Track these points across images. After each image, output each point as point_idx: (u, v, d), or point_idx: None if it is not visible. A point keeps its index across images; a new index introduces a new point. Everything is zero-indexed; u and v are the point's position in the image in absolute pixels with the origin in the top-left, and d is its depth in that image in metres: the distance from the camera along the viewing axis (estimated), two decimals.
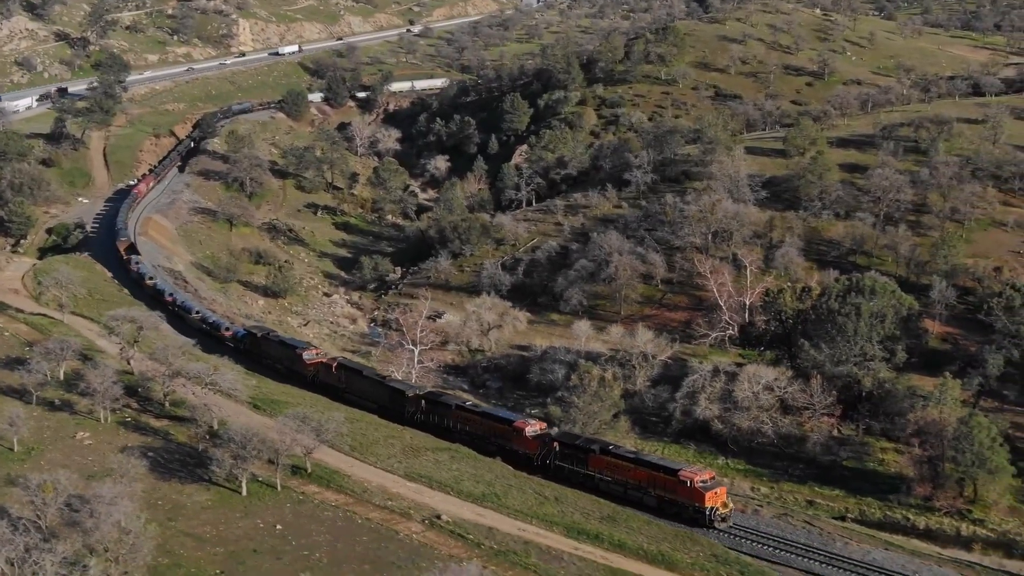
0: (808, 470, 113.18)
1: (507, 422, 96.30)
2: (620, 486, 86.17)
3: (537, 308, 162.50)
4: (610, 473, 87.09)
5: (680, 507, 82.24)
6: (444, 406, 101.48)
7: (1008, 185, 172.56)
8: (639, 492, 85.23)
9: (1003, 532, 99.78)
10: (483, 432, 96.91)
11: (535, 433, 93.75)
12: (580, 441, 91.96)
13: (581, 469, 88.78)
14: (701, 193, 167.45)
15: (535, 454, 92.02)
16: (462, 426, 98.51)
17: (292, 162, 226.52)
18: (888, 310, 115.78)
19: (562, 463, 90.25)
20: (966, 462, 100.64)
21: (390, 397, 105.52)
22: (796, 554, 79.31)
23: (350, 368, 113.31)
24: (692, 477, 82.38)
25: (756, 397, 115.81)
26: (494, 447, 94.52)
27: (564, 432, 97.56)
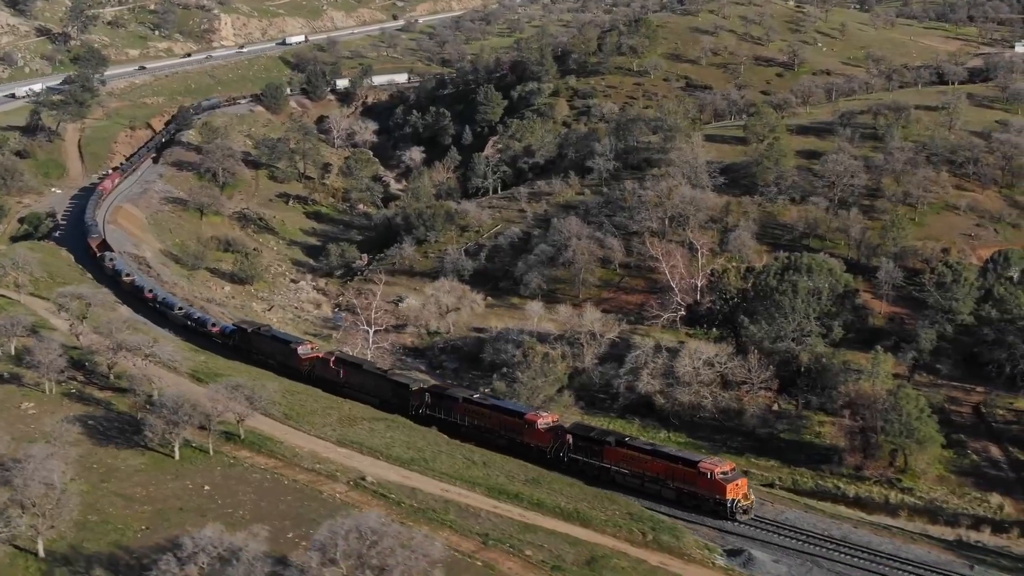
0: (746, 442, 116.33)
1: (518, 415, 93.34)
2: (637, 479, 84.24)
3: (498, 292, 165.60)
4: (626, 466, 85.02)
5: (700, 500, 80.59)
6: (450, 399, 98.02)
7: (963, 170, 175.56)
8: (657, 485, 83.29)
9: (930, 500, 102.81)
10: (492, 426, 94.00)
11: (547, 426, 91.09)
12: (595, 433, 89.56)
13: (596, 462, 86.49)
14: (659, 179, 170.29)
15: (548, 447, 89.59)
16: (470, 420, 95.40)
17: (265, 153, 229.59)
18: (824, 287, 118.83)
19: (576, 456, 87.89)
20: (894, 432, 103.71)
21: (393, 391, 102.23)
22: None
23: (349, 362, 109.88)
24: (712, 469, 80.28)
25: (697, 373, 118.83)
26: (504, 441, 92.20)
27: (578, 424, 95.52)
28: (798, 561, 76.36)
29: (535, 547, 70.14)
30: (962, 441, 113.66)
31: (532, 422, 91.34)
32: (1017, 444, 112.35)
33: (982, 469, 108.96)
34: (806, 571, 75.19)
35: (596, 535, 74.94)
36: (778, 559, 76.53)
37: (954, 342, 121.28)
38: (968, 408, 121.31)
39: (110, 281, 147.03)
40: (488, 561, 67.40)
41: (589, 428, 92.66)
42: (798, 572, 74.89)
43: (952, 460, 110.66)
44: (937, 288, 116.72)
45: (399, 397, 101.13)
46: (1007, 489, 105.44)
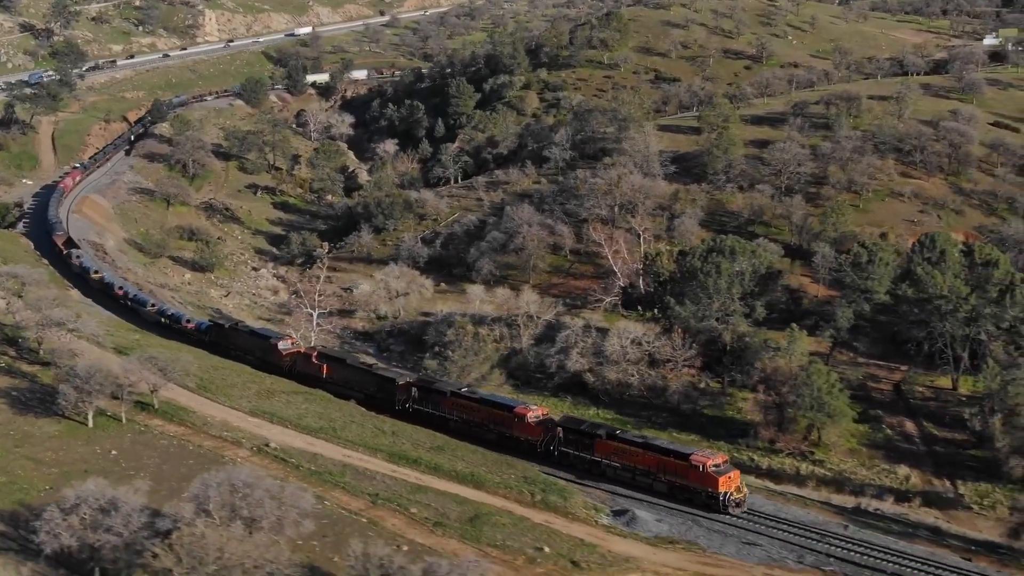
0: (670, 418, 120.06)
1: (507, 408, 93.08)
2: (628, 472, 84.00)
3: (452, 278, 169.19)
4: (617, 459, 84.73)
5: (692, 493, 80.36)
6: (438, 393, 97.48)
7: (910, 158, 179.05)
8: (648, 478, 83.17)
9: (839, 471, 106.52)
10: (481, 419, 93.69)
11: (537, 419, 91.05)
12: (585, 426, 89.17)
13: (587, 455, 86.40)
14: (609, 168, 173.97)
15: (538, 441, 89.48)
16: (458, 414, 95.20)
17: (235, 144, 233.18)
18: (747, 269, 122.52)
19: (566, 449, 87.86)
20: (805, 406, 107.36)
21: (378, 386, 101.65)
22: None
23: (332, 357, 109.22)
24: (704, 462, 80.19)
25: (625, 352, 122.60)
26: (494, 435, 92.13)
27: (568, 417, 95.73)
28: (679, 520, 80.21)
29: (422, 505, 73.95)
30: (879, 416, 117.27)
31: (522, 415, 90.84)
32: (932, 419, 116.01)
33: (894, 443, 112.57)
34: (686, 529, 79.03)
35: (487, 496, 78.78)
36: (661, 519, 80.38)
37: (875, 322, 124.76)
38: (889, 385, 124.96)
39: (78, 279, 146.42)
40: (373, 518, 71.22)
41: (579, 421, 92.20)
42: (677, 530, 78.75)
43: (866, 434, 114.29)
44: (853, 268, 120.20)
45: (384, 392, 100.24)
46: (916, 462, 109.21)
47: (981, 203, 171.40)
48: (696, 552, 75.58)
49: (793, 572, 73.12)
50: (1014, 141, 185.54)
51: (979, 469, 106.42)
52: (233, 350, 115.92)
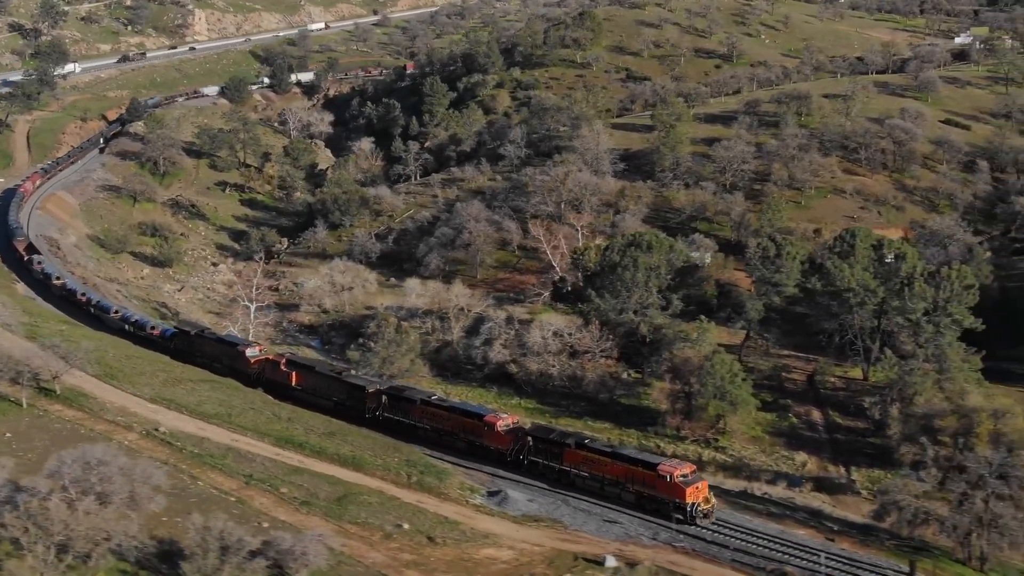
0: (588, 407, 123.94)
1: (477, 416, 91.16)
2: (597, 482, 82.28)
3: (402, 273, 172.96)
4: (586, 468, 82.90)
5: (660, 503, 78.61)
6: (407, 401, 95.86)
7: (855, 155, 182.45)
8: (616, 488, 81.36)
9: (739, 458, 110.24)
10: (451, 428, 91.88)
11: (507, 427, 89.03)
12: (554, 435, 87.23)
13: (556, 464, 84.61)
14: (557, 165, 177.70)
15: (508, 450, 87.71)
16: (428, 422, 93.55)
17: (206, 142, 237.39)
18: (662, 263, 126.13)
19: (536, 458, 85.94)
20: (708, 395, 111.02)
21: (348, 393, 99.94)
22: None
23: (301, 364, 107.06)
24: (672, 471, 78.27)
25: (546, 343, 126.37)
26: (464, 444, 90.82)
27: (538, 426, 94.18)
28: (549, 500, 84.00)
29: (294, 486, 77.88)
30: (788, 406, 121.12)
31: (492, 424, 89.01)
32: (838, 409, 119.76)
33: (798, 431, 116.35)
34: (555, 507, 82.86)
35: (365, 477, 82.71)
36: (532, 499, 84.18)
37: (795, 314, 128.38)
38: (804, 376, 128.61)
39: (40, 286, 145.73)
40: (243, 497, 75.17)
41: (549, 430, 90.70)
42: (546, 508, 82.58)
43: (773, 422, 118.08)
44: (762, 262, 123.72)
45: (354, 400, 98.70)
46: (816, 449, 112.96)
47: (923, 199, 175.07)
48: (557, 529, 79.31)
49: (645, 547, 76.64)
50: (960, 138, 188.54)
51: (875, 456, 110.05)
52: (199, 357, 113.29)
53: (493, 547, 74.46)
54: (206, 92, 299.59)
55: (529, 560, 73.31)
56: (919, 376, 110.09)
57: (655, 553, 75.86)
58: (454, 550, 72.56)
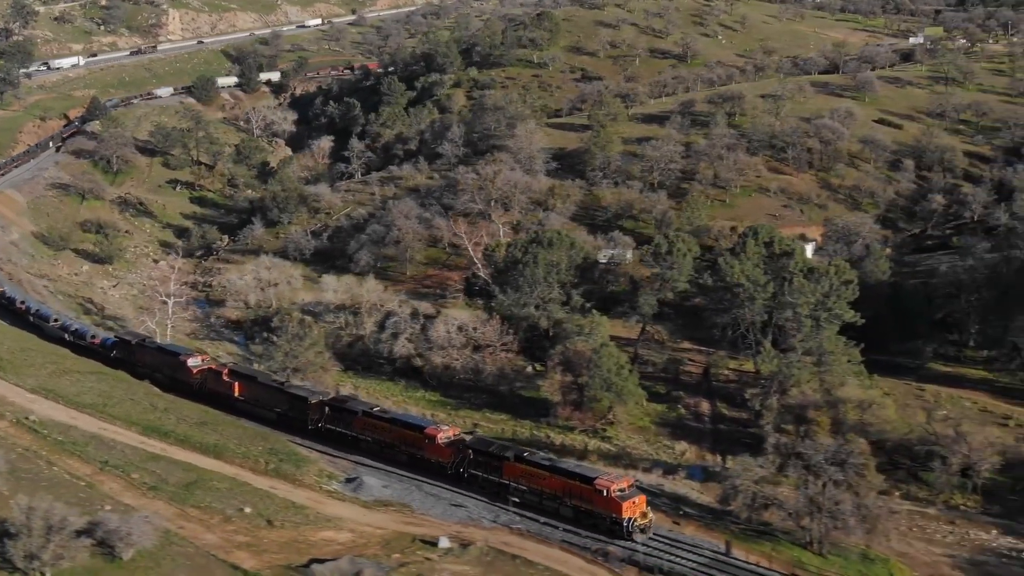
0: (489, 399, 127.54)
1: (417, 428, 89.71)
2: (536, 496, 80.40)
3: (335, 270, 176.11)
4: (525, 482, 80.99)
5: (597, 518, 76.86)
6: (349, 412, 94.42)
7: (782, 154, 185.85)
8: (555, 502, 79.49)
9: (622, 447, 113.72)
10: (393, 440, 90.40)
11: (448, 440, 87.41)
12: (494, 448, 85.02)
13: (495, 478, 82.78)
14: (488, 164, 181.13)
15: (449, 463, 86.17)
16: (370, 434, 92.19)
17: (160, 140, 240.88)
18: (563, 259, 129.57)
19: (476, 472, 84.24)
20: (596, 387, 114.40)
21: (290, 404, 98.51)
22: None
23: (243, 375, 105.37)
24: (608, 486, 76.69)
25: (450, 337, 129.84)
26: (405, 456, 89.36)
27: (478, 438, 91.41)
28: (403, 486, 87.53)
29: (147, 472, 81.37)
30: (679, 397, 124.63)
31: (432, 436, 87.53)
32: (726, 400, 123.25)
33: (685, 421, 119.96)
34: (407, 493, 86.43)
35: (223, 464, 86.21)
36: (388, 485, 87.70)
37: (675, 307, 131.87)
38: (700, 368, 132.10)
39: None
40: (93, 482, 78.67)
41: (489, 442, 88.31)
42: (399, 494, 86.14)
43: (662, 413, 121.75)
44: (655, 258, 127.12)
45: (296, 410, 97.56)
46: (698, 439, 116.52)
47: (846, 198, 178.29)
48: (405, 513, 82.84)
49: (484, 529, 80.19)
50: (891, 138, 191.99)
51: (751, 445, 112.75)
52: (140, 367, 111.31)
53: (332, 530, 77.82)
54: (159, 93, 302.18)
55: (366, 542, 76.67)
56: (797, 368, 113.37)
57: (491, 534, 79.33)
58: (290, 532, 75.92)
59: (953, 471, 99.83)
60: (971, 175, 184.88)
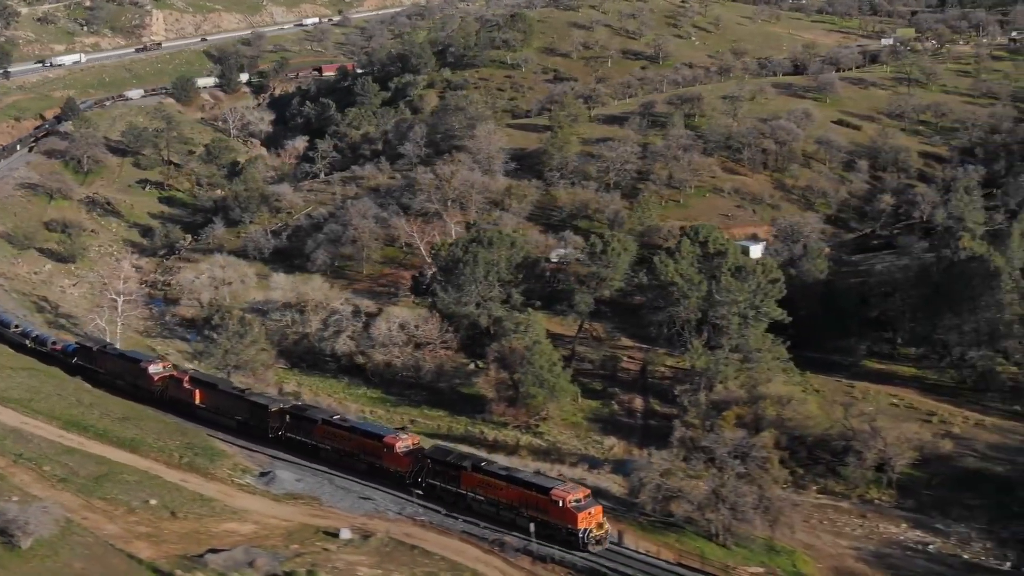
0: (429, 396, 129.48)
1: (376, 437, 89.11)
2: (493, 506, 79.85)
3: (293, 269, 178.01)
4: (483, 492, 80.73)
5: (553, 529, 76.39)
6: (309, 421, 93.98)
7: (739, 155, 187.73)
8: (512, 513, 78.95)
9: (553, 443, 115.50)
10: (352, 448, 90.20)
11: (407, 449, 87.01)
12: (452, 458, 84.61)
13: (453, 487, 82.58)
14: (447, 164, 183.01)
15: (407, 472, 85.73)
16: (330, 442, 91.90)
17: (131, 140, 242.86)
18: (502, 258, 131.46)
19: (434, 481, 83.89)
20: (529, 383, 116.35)
21: (251, 412, 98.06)
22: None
23: (204, 382, 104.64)
24: (564, 496, 76.28)
25: (392, 335, 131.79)
26: (365, 465, 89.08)
27: (437, 447, 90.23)
28: (316, 480, 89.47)
29: (60, 465, 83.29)
30: (614, 394, 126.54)
31: (391, 445, 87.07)
32: (660, 396, 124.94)
33: (617, 417, 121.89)
34: (318, 486, 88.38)
35: (137, 458, 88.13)
36: (301, 478, 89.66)
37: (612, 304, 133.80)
38: (638, 365, 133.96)
39: None
40: (5, 474, 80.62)
41: (447, 452, 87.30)
42: (310, 487, 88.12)
43: (596, 409, 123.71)
44: (590, 257, 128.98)
45: (257, 418, 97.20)
46: (627, 434, 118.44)
47: (800, 198, 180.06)
48: (313, 506, 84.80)
49: (389, 521, 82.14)
50: (849, 138, 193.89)
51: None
52: (102, 373, 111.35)
53: (237, 522, 79.72)
54: (130, 95, 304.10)
55: (268, 533, 78.58)
56: (724, 365, 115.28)
57: (394, 526, 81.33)
58: (193, 524, 77.83)
59: (868, 466, 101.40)
60: (925, 175, 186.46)
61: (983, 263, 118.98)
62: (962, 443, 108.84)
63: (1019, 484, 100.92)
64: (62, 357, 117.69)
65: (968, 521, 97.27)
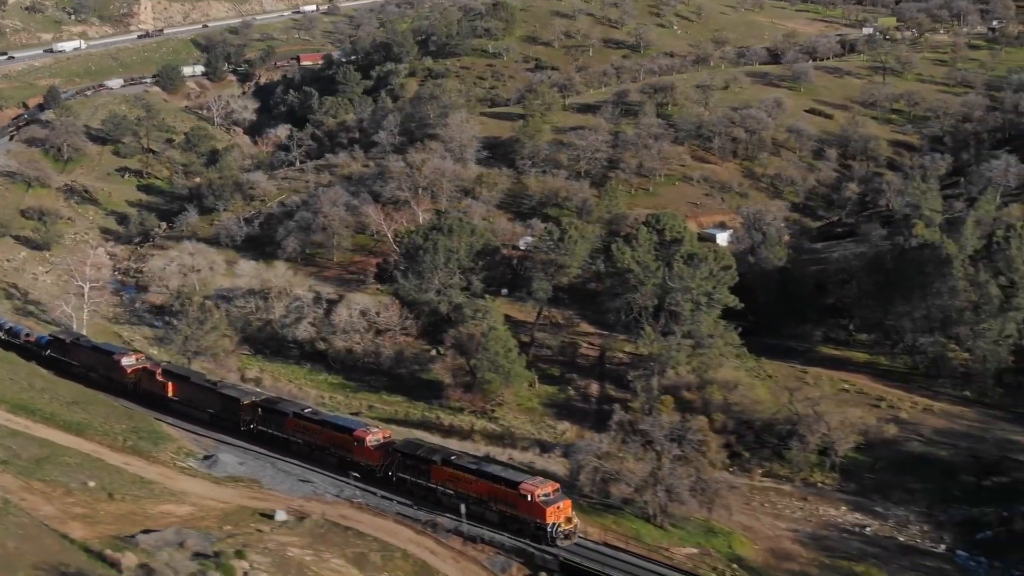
0: (388, 382, 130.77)
1: (347, 430, 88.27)
2: (462, 500, 78.31)
3: (264, 256, 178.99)
4: (452, 486, 79.98)
5: (521, 523, 75.84)
6: (280, 414, 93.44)
7: (709, 144, 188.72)
8: (481, 507, 78.12)
9: (506, 427, 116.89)
10: (323, 442, 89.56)
11: (377, 443, 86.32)
12: (422, 451, 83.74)
13: (423, 482, 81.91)
14: (419, 152, 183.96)
15: (378, 466, 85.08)
16: (301, 436, 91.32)
17: (111, 129, 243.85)
18: (463, 246, 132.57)
19: (404, 475, 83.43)
20: (484, 369, 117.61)
21: (223, 405, 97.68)
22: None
23: (176, 375, 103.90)
24: (533, 491, 75.78)
25: (352, 321, 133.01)
26: (335, 459, 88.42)
27: (407, 441, 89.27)
28: (258, 463, 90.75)
29: (2, 447, 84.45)
30: (571, 379, 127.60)
31: (361, 439, 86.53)
32: (616, 382, 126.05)
33: (572, 402, 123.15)
34: (260, 470, 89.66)
35: (82, 441, 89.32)
36: (243, 462, 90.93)
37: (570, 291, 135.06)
38: (598, 351, 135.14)
39: None
40: None
41: (417, 445, 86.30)
42: (252, 470, 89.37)
43: (552, 395, 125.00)
44: (548, 245, 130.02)
45: (229, 411, 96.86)
46: (581, 419, 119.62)
47: (769, 186, 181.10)
48: (253, 488, 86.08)
49: (326, 503, 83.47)
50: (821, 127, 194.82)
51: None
52: (76, 366, 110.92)
53: (174, 503, 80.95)
54: (110, 85, 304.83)
55: (204, 515, 79.78)
56: (676, 351, 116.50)
57: (331, 508, 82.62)
58: (130, 506, 79.01)
59: (811, 450, 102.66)
60: (894, 164, 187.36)
61: (935, 250, 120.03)
62: (908, 428, 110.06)
63: (961, 468, 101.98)
64: (35, 349, 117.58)
65: (908, 504, 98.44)
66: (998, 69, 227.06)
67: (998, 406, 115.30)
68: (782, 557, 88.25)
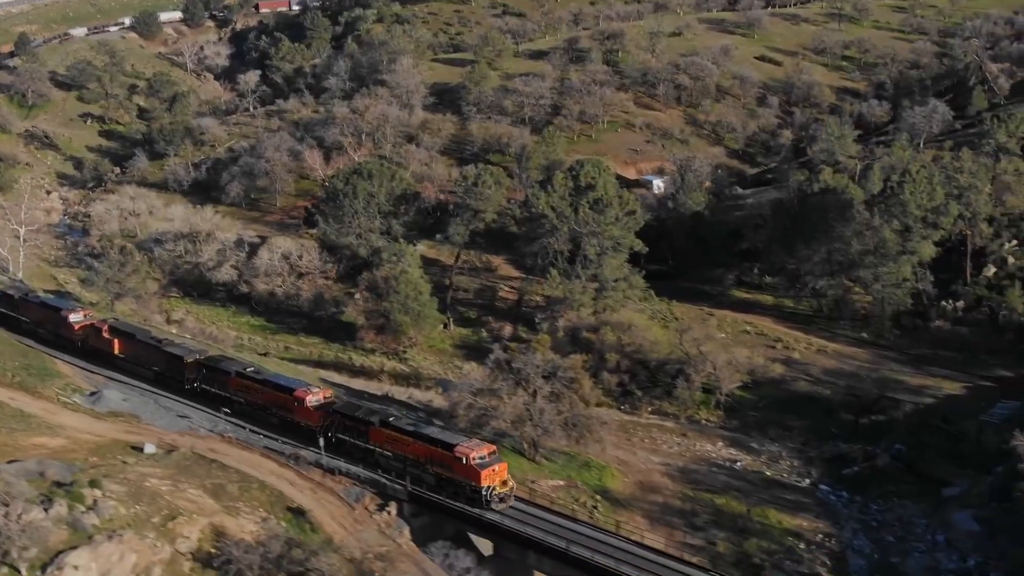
0: (308, 324, 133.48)
1: (288, 390, 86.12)
2: (400, 462, 77.57)
3: (209, 201, 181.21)
4: (390, 447, 78.74)
5: (457, 486, 74.63)
6: (223, 373, 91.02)
7: (655, 91, 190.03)
8: (418, 469, 76.81)
9: (415, 368, 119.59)
10: (264, 402, 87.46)
11: (317, 403, 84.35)
12: (360, 412, 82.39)
13: (362, 443, 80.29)
14: (362, 98, 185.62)
15: (317, 427, 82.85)
16: (243, 395, 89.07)
17: (76, 75, 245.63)
18: (383, 190, 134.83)
19: (344, 436, 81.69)
20: (395, 311, 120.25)
21: (167, 363, 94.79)
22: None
23: (122, 331, 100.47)
24: (468, 453, 74.25)
25: (274, 265, 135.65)
26: (277, 419, 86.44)
27: (346, 402, 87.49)
28: (142, 399, 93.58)
29: None
30: (486, 322, 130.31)
31: (301, 399, 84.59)
32: (529, 325, 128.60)
33: (484, 344, 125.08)
34: (142, 405, 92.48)
35: None
36: (127, 397, 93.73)
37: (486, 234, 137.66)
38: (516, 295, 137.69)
39: None
40: None
41: (356, 407, 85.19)
42: (134, 406, 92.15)
43: (465, 337, 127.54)
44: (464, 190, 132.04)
45: (174, 369, 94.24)
46: None
47: (710, 133, 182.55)
48: (131, 423, 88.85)
49: (198, 438, 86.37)
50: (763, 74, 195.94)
51: None
52: (25, 322, 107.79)
53: (48, 436, 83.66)
54: (74, 33, 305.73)
55: (76, 448, 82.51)
56: (580, 293, 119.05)
57: (202, 442, 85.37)
58: (3, 438, 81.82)
59: (695, 388, 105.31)
60: (837, 110, 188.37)
61: (837, 195, 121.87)
62: (798, 368, 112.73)
63: (842, 407, 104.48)
64: None
65: (784, 441, 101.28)
66: (955, 16, 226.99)
67: (892, 347, 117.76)
68: (649, 489, 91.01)
